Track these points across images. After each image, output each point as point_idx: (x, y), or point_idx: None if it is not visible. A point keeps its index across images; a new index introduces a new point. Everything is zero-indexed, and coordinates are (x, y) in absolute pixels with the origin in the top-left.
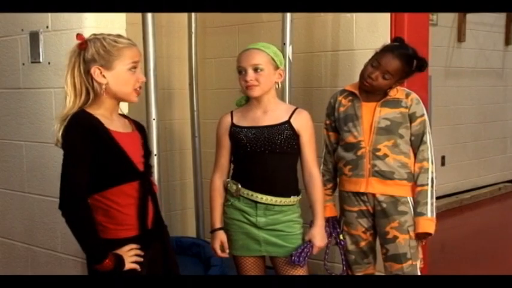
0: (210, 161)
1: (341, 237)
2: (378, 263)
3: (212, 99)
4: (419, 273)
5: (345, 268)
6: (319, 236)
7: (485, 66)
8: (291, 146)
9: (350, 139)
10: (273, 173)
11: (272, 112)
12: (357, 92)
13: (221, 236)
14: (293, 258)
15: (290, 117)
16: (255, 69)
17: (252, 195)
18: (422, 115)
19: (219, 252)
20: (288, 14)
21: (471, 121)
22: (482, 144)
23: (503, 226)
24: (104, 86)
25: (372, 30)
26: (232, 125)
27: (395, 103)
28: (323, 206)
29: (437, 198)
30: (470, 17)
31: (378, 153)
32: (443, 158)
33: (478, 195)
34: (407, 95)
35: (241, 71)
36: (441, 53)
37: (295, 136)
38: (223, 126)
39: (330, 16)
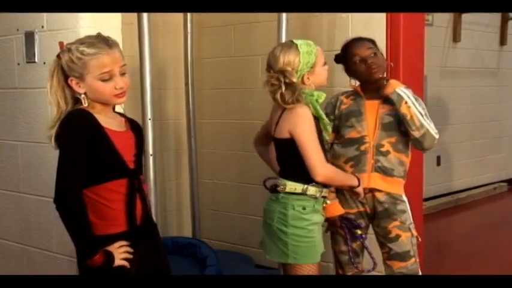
0: (206, 161)
1: (358, 231)
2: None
3: (208, 99)
4: (420, 270)
5: (374, 262)
6: None
7: (480, 66)
8: None
9: (352, 134)
10: None
11: None
12: (359, 90)
13: None
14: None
15: None
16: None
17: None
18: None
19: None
20: (284, 14)
21: (466, 121)
22: (478, 144)
23: (498, 226)
24: (82, 96)
25: (368, 30)
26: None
27: None
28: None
29: (433, 197)
30: (466, 17)
31: (381, 149)
32: (438, 158)
33: (473, 195)
34: None
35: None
36: (436, 53)
37: None
38: (312, 119)
39: (325, 16)
